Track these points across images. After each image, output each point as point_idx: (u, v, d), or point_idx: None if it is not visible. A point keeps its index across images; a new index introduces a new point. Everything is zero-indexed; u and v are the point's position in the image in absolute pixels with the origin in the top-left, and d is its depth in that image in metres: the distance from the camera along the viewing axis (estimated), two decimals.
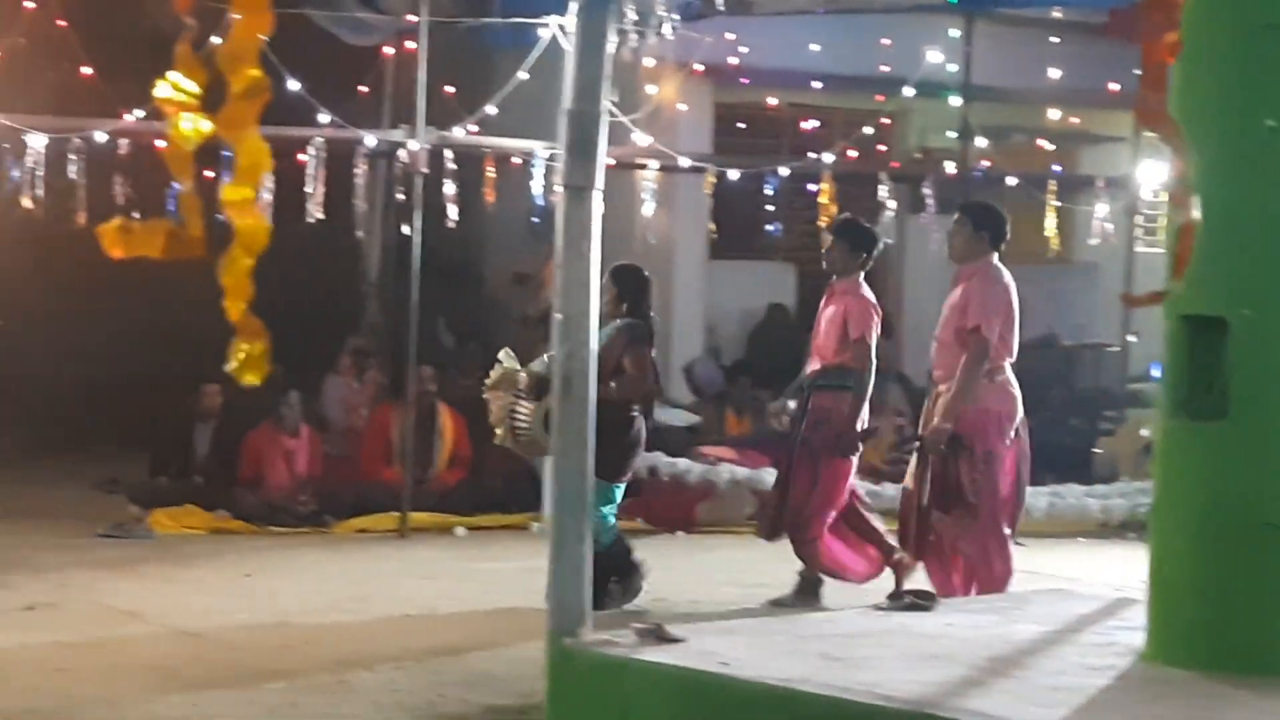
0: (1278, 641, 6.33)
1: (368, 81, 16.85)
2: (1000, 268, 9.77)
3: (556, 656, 6.63)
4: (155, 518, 13.51)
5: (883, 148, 17.79)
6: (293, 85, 12.76)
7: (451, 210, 14.35)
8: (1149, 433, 13.08)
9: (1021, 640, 6.85)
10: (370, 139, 14.22)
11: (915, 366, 15.44)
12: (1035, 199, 16.69)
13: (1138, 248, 17.65)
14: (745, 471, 13.66)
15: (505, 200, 15.15)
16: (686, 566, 12.23)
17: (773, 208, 16.66)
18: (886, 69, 16.61)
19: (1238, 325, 6.31)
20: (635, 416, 10.15)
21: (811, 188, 16.17)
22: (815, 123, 17.84)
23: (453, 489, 14.34)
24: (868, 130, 15.82)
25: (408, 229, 13.94)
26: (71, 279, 16.20)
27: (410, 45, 14.27)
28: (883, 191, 16.20)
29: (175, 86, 6.98)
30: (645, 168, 15.43)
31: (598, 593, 7.75)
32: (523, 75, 13.95)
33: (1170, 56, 6.26)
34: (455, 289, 17.43)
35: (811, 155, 15.95)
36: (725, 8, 14.54)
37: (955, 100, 16.83)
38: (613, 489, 10.09)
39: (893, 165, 17.44)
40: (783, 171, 16.11)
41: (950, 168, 17.01)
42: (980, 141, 16.93)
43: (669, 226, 16.78)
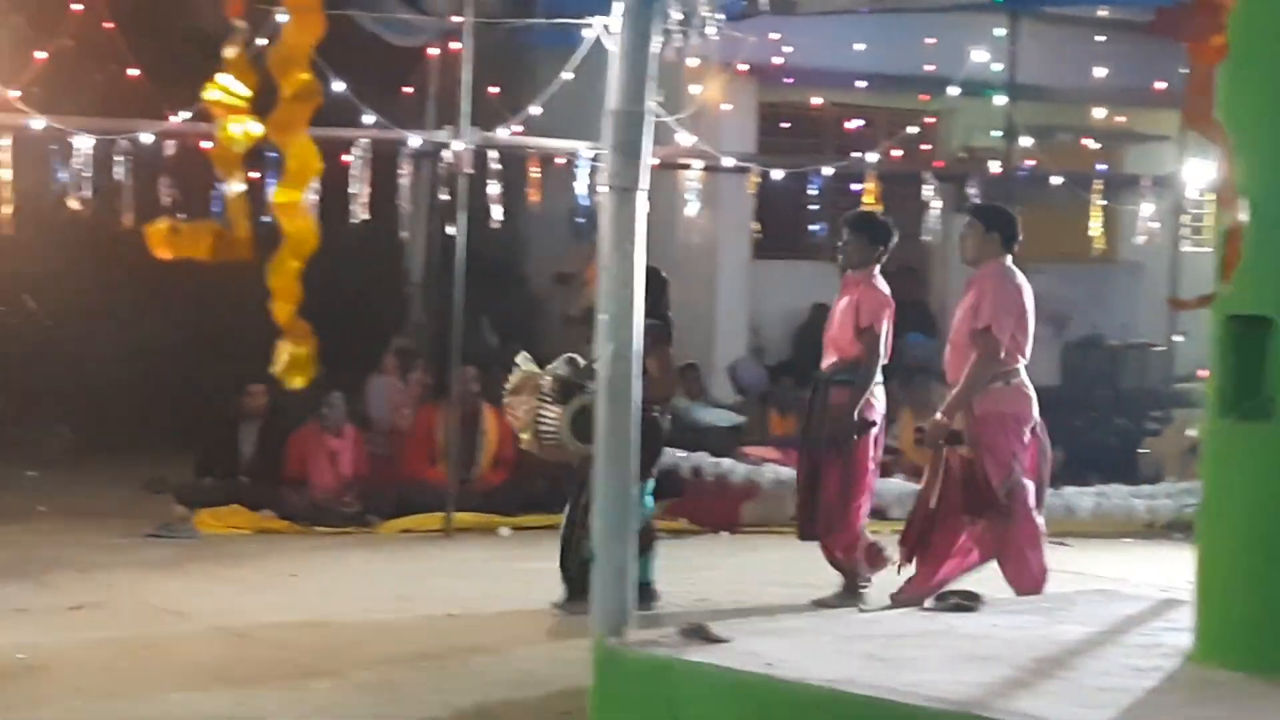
0: None
1: (412, 82, 16.88)
2: (1013, 269, 9.71)
3: (601, 656, 6.62)
4: (200, 518, 13.57)
5: (927, 147, 17.74)
6: (338, 86, 12.80)
7: (495, 210, 14.39)
8: (1195, 433, 13.02)
9: (1067, 641, 6.82)
10: (415, 139, 14.25)
11: None
12: (1080, 198, 16.64)
13: (1183, 247, 17.60)
14: (789, 471, 13.62)
15: (548, 200, 15.18)
16: (731, 566, 12.24)
17: (817, 207, 16.63)
18: (931, 68, 16.58)
19: None
20: (657, 416, 10.18)
21: (855, 187, 16.13)
22: (859, 122, 17.81)
23: (497, 489, 14.34)
24: (912, 130, 15.81)
25: (451, 229, 13.99)
26: (118, 280, 16.29)
27: (454, 46, 14.30)
28: (927, 191, 16.17)
29: (225, 90, 6.95)
30: (689, 167, 15.43)
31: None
32: (566, 75, 13.97)
33: (1217, 58, 6.23)
34: (499, 289, 17.44)
35: (855, 155, 15.94)
36: (769, 7, 14.49)
37: (1000, 99, 16.79)
38: (642, 489, 10.14)
39: (937, 165, 17.37)
40: (827, 171, 16.09)
41: (995, 167, 16.97)
42: (1025, 140, 16.87)
43: (713, 226, 16.79)
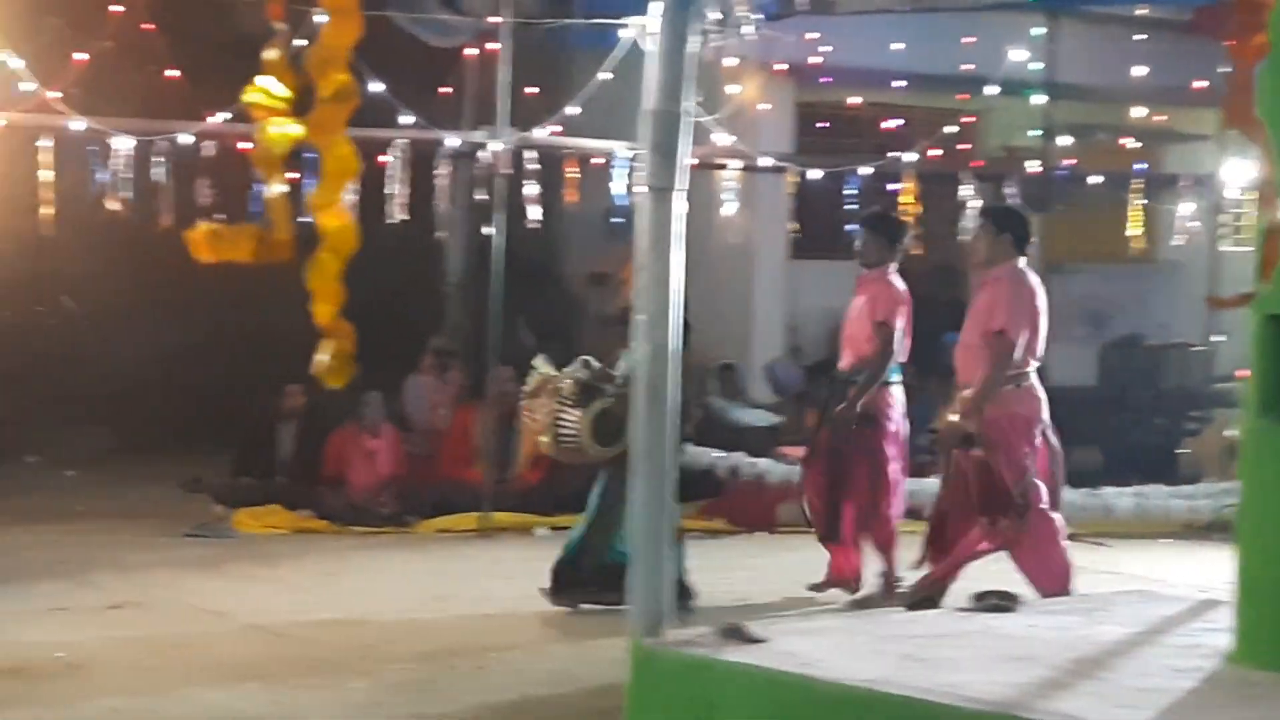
0: None
1: (449, 82, 16.90)
2: (1026, 271, 9.64)
3: (638, 656, 6.63)
4: (238, 517, 13.62)
5: (965, 147, 17.67)
6: (375, 87, 12.82)
7: (533, 211, 14.40)
8: (1235, 433, 12.96)
9: (1105, 642, 6.81)
10: (452, 140, 14.26)
11: None
12: (1119, 198, 16.57)
13: (1222, 246, 17.51)
14: None
15: (585, 200, 15.18)
16: (768, 566, 12.23)
17: (854, 207, 16.57)
18: (969, 67, 16.51)
19: None
20: None
21: (893, 187, 16.09)
22: (897, 122, 17.74)
23: (533, 489, 14.33)
24: (950, 129, 15.74)
25: (489, 229, 14.01)
26: (156, 280, 16.34)
27: (492, 46, 14.31)
28: (965, 190, 16.12)
29: (264, 92, 6.96)
30: (726, 167, 15.42)
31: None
32: (604, 76, 13.98)
33: (1257, 57, 6.21)
34: (535, 289, 17.45)
35: (893, 154, 15.90)
36: (807, 6, 14.48)
37: (1039, 98, 16.73)
38: None
39: (975, 164, 17.30)
40: (864, 171, 16.05)
41: (1033, 166, 16.92)
42: (1064, 140, 16.82)
43: (750, 226, 16.77)
